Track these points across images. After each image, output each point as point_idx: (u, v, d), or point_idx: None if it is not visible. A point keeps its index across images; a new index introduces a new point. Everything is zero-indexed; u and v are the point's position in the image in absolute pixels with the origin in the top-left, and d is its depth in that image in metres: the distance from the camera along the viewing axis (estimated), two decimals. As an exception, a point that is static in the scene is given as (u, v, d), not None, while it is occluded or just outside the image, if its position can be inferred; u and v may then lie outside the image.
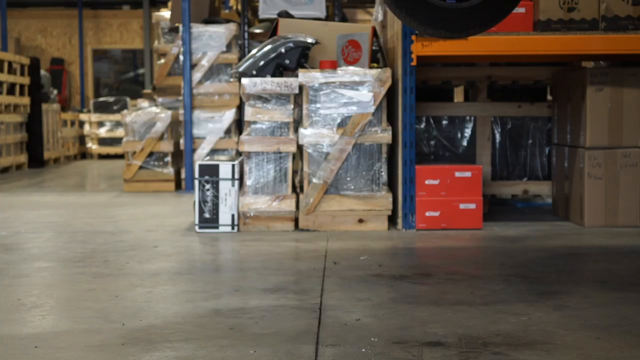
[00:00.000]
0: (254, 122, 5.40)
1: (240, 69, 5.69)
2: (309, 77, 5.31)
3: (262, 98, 5.39)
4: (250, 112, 5.40)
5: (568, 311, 3.15)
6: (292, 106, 5.40)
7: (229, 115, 8.21)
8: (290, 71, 5.69)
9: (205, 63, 8.17)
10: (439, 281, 3.76)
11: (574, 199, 5.58)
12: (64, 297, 3.51)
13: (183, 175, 8.30)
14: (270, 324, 2.98)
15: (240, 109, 8.24)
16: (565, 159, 5.74)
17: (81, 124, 15.70)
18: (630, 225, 5.36)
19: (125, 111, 8.75)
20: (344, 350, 2.63)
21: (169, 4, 9.01)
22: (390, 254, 4.50)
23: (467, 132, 6.30)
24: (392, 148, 5.49)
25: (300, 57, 5.57)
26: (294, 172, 5.63)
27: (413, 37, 5.18)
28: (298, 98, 5.50)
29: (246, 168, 5.39)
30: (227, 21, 8.55)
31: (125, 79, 19.63)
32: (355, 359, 2.55)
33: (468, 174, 5.31)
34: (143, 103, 10.03)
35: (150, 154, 8.38)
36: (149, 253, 4.54)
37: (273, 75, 5.59)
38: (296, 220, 5.38)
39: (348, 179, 5.34)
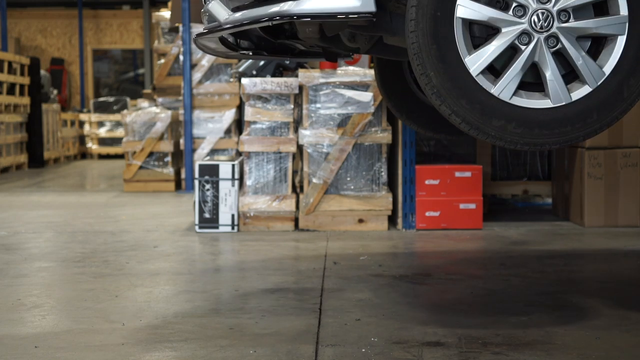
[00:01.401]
0: (254, 122, 5.40)
1: (240, 69, 5.69)
2: (309, 77, 5.31)
3: (262, 98, 5.39)
4: (250, 112, 5.40)
5: (568, 311, 3.15)
6: (292, 106, 5.40)
7: (229, 115, 8.21)
8: (290, 71, 5.69)
9: (205, 63, 8.17)
10: (439, 281, 3.76)
11: (574, 199, 5.58)
12: (64, 297, 3.51)
13: (183, 175, 8.30)
14: (270, 324, 2.98)
15: (240, 109, 8.24)
16: (565, 159, 5.74)
17: (81, 124, 15.70)
18: (630, 225, 5.36)
19: (125, 111, 8.74)
20: (344, 350, 2.63)
21: (169, 4, 9.00)
22: (390, 254, 4.50)
23: (467, 132, 6.29)
24: (392, 148, 5.49)
25: (300, 57, 5.57)
26: (294, 172, 5.63)
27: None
28: (298, 98, 5.50)
29: (246, 168, 5.39)
30: (227, 21, 8.53)
31: (125, 79, 19.63)
32: (355, 359, 2.55)
33: (468, 174, 5.31)
34: (143, 103, 10.02)
35: (150, 154, 8.38)
36: (149, 253, 4.54)
37: (273, 75, 5.59)
38: (296, 220, 5.38)
39: (348, 179, 5.34)
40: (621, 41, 2.47)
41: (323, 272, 3.94)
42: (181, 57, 8.35)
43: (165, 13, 9.17)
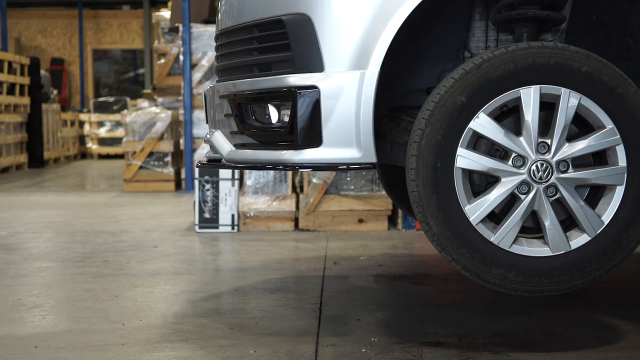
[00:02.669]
0: (254, 122, 5.40)
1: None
2: (309, 77, 5.30)
3: (262, 98, 5.39)
4: (250, 112, 5.39)
5: (568, 311, 3.15)
6: (292, 106, 5.39)
7: (229, 115, 8.20)
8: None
9: (205, 63, 8.17)
10: (439, 281, 3.76)
11: (574, 199, 5.58)
12: (64, 297, 3.51)
13: (183, 175, 8.30)
14: (270, 324, 2.98)
15: (240, 109, 8.23)
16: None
17: (81, 124, 15.70)
18: (630, 225, 5.35)
19: (125, 111, 8.75)
20: (344, 350, 2.63)
21: (169, 4, 9.01)
22: (390, 254, 4.50)
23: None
24: (392, 148, 5.49)
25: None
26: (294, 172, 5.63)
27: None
28: (298, 98, 5.49)
29: (246, 168, 5.38)
30: (227, 21, 8.53)
31: (125, 79, 19.64)
32: (355, 359, 2.55)
33: (468, 174, 5.30)
34: (143, 103, 10.03)
35: (150, 154, 8.38)
36: (149, 253, 4.54)
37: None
38: (296, 220, 5.38)
39: (348, 178, 5.34)
40: (620, 191, 2.48)
41: (323, 272, 3.94)
42: (181, 57, 8.35)
43: (165, 13, 9.17)
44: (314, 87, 2.46)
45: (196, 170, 5.33)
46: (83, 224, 5.79)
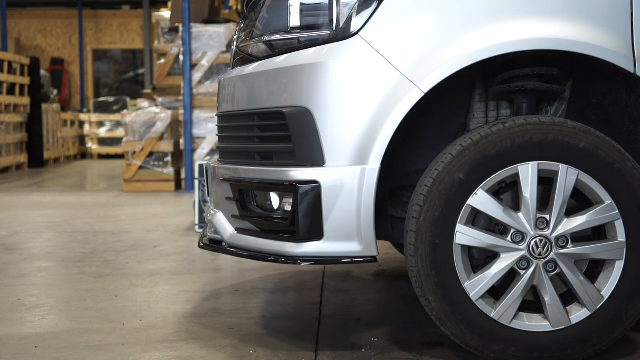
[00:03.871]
0: (254, 122, 5.39)
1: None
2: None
3: (262, 98, 5.39)
4: (250, 112, 5.39)
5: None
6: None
7: (229, 115, 8.20)
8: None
9: (205, 63, 8.18)
10: (439, 281, 3.76)
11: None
12: (64, 297, 3.51)
13: (183, 175, 8.30)
14: (270, 324, 2.98)
15: (240, 109, 8.22)
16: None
17: (81, 124, 15.70)
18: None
19: (125, 111, 8.75)
20: (344, 350, 2.63)
21: (169, 4, 9.01)
22: (390, 253, 4.50)
23: (467, 132, 6.28)
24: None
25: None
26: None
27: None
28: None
29: (246, 168, 5.38)
30: (227, 21, 8.55)
31: (125, 79, 19.64)
32: (355, 359, 2.55)
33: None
34: (143, 103, 10.02)
35: (150, 154, 8.38)
36: (149, 253, 4.54)
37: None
38: (296, 220, 5.36)
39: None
40: (619, 266, 2.46)
41: (323, 271, 3.94)
42: (181, 57, 8.35)
43: (165, 13, 9.17)
44: (315, 181, 2.43)
45: (196, 170, 5.32)
46: (83, 224, 5.79)
